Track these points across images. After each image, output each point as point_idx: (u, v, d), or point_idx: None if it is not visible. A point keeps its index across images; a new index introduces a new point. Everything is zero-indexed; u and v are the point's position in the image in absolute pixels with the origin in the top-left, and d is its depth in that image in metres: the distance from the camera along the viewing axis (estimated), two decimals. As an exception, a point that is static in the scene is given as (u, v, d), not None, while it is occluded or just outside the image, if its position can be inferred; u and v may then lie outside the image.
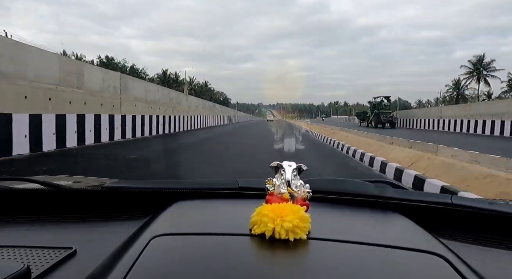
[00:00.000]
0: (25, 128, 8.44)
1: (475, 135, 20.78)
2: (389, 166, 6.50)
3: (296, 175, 0.73)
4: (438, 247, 0.63)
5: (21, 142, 8.24)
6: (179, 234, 0.65)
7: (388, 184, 1.05)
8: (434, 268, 0.55)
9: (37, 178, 0.94)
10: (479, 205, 0.82)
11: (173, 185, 0.94)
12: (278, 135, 18.53)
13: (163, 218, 0.75)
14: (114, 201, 0.93)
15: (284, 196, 0.70)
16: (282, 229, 0.60)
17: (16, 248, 0.64)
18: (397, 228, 0.76)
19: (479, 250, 0.72)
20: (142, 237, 0.63)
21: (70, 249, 0.64)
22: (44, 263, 0.58)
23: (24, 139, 8.40)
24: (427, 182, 4.76)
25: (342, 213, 0.83)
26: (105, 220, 0.84)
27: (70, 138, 10.23)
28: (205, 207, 0.84)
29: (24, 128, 8.38)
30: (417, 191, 1.39)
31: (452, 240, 0.74)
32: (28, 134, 8.51)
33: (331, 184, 0.96)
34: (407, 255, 0.59)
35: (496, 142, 14.23)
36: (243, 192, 0.90)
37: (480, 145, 11.15)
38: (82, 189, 0.97)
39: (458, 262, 0.57)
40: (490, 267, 0.62)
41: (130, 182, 0.98)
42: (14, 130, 8.03)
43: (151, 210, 0.82)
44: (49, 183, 0.91)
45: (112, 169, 6.89)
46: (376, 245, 0.62)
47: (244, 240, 0.62)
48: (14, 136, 8.04)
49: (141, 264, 0.53)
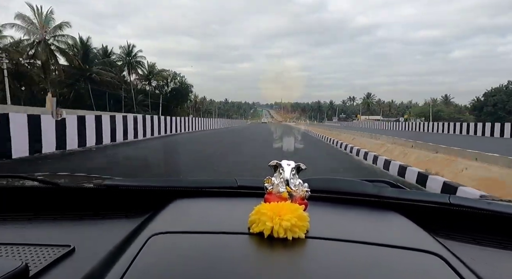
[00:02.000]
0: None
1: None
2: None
3: (294, 174, 0.73)
4: (436, 247, 0.63)
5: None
6: (178, 233, 0.65)
7: (386, 183, 1.05)
8: (431, 267, 0.56)
9: (35, 176, 0.93)
10: (476, 205, 0.82)
11: (171, 184, 0.94)
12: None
13: (162, 216, 0.75)
14: (112, 199, 0.93)
15: (282, 195, 0.70)
16: (280, 228, 0.60)
17: (14, 245, 0.64)
18: (395, 227, 0.76)
19: (477, 250, 0.72)
20: (141, 235, 0.63)
21: (68, 247, 0.64)
22: (42, 261, 0.58)
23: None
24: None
25: (341, 212, 0.83)
26: (104, 218, 0.84)
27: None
28: (204, 206, 0.84)
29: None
30: (415, 190, 1.39)
31: (449, 239, 0.74)
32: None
33: (330, 183, 0.96)
34: (405, 254, 0.60)
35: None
36: (242, 191, 0.90)
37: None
38: (80, 187, 0.97)
39: (455, 261, 0.57)
40: (487, 266, 0.62)
41: (129, 180, 0.98)
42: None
43: (150, 208, 0.82)
44: (48, 181, 0.91)
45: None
46: (374, 244, 0.62)
47: (242, 238, 0.62)
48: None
49: (140, 262, 0.53)
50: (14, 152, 8.56)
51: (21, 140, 8.86)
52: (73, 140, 11.18)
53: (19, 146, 8.76)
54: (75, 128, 11.33)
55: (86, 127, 11.99)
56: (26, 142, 9.06)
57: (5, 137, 8.40)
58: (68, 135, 10.83)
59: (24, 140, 9.00)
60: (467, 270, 0.56)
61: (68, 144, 10.83)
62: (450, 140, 12.66)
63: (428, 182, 5.86)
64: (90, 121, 12.36)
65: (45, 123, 9.81)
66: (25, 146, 9.01)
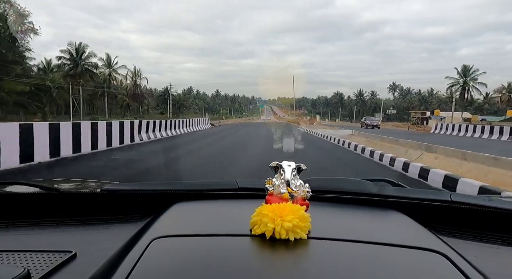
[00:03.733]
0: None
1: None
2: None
3: (295, 174, 0.73)
4: (438, 244, 0.63)
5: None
6: (180, 236, 0.65)
7: (387, 182, 1.04)
8: (434, 265, 0.56)
9: (36, 182, 0.93)
10: (478, 202, 0.82)
11: (172, 187, 0.94)
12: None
13: (163, 220, 0.75)
14: (113, 203, 0.93)
15: (283, 196, 0.70)
16: (282, 229, 0.60)
17: (16, 252, 0.64)
18: (397, 226, 0.76)
19: (479, 247, 0.72)
20: (143, 239, 0.63)
21: (70, 253, 0.64)
22: (44, 267, 0.58)
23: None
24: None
25: (342, 212, 0.83)
26: (105, 223, 0.84)
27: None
28: (205, 208, 0.84)
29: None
30: (416, 189, 1.37)
31: (451, 237, 0.74)
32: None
33: (331, 183, 0.95)
34: (407, 253, 0.59)
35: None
36: (242, 192, 0.90)
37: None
38: (81, 192, 0.97)
39: (457, 259, 0.57)
40: (489, 263, 0.62)
41: (129, 185, 0.98)
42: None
43: (151, 212, 0.82)
44: (48, 187, 0.91)
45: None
46: (376, 243, 0.62)
47: (244, 240, 0.62)
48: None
49: (142, 266, 0.53)
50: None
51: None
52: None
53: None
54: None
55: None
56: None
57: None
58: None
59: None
60: (470, 267, 0.55)
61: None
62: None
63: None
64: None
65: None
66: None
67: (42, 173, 6.88)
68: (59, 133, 8.26)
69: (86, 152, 9.19)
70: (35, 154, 7.45)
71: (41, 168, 7.19)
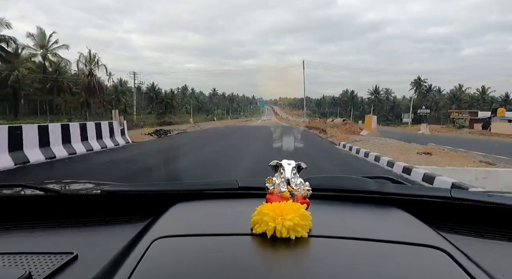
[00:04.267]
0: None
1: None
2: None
3: (295, 173, 0.73)
4: (439, 241, 0.63)
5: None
6: (181, 236, 0.65)
7: (387, 179, 1.04)
8: (435, 262, 0.56)
9: (36, 184, 0.93)
10: (478, 198, 0.82)
11: (172, 187, 0.94)
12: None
13: (164, 220, 0.75)
14: (114, 204, 0.93)
15: (284, 194, 0.70)
16: (283, 227, 0.60)
17: (17, 254, 0.64)
18: (398, 223, 0.76)
19: (480, 243, 0.72)
20: (144, 240, 0.63)
21: (71, 254, 0.64)
22: (45, 269, 0.58)
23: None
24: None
25: (343, 209, 0.83)
26: (106, 224, 0.84)
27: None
28: (206, 208, 0.84)
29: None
30: (417, 185, 1.37)
31: (452, 233, 0.74)
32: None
33: (331, 181, 0.95)
34: (409, 250, 0.59)
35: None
36: (243, 192, 0.90)
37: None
38: (81, 193, 0.97)
39: (459, 255, 0.57)
40: (491, 259, 0.62)
41: (129, 185, 0.98)
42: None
43: (152, 213, 0.82)
44: (49, 189, 0.91)
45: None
46: (378, 240, 0.62)
47: (245, 240, 0.62)
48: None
49: (144, 267, 0.53)
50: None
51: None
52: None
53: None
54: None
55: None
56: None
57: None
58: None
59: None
60: (471, 263, 0.55)
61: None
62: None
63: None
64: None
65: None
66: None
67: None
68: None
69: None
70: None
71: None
